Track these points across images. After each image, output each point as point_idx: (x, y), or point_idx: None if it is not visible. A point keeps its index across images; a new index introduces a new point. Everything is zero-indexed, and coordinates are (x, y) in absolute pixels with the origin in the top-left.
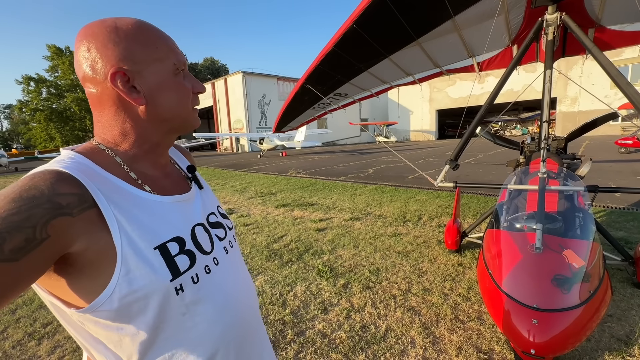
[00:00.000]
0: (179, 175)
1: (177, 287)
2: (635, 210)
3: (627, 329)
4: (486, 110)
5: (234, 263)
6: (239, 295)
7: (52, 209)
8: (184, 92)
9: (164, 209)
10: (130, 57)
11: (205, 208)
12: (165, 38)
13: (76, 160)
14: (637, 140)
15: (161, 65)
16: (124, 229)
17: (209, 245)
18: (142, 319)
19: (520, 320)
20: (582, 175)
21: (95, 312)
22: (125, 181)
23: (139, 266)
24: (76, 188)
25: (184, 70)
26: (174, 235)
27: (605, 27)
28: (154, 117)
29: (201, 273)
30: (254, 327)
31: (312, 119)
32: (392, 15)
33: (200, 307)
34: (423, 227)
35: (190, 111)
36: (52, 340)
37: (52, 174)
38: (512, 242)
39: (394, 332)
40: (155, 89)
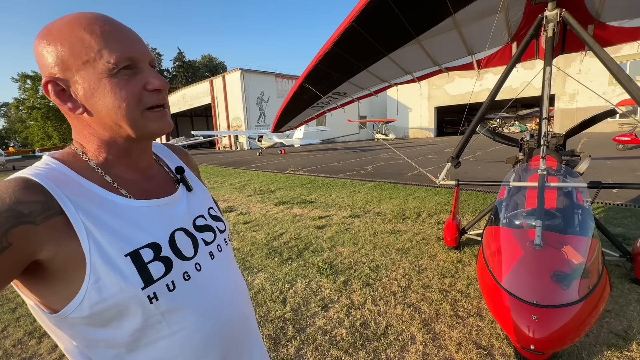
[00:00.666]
0: (165, 178)
1: (149, 296)
2: (633, 206)
3: (625, 325)
4: (487, 108)
5: (221, 268)
6: (224, 301)
7: (12, 217)
8: (123, 93)
9: (140, 214)
10: (60, 62)
11: (192, 211)
12: (100, 33)
13: (50, 167)
14: (635, 137)
15: (91, 67)
16: (92, 235)
17: (190, 250)
18: (115, 326)
19: (520, 316)
20: (581, 172)
21: (67, 318)
22: (100, 186)
23: (109, 274)
24: (40, 196)
25: (129, 66)
26: (149, 241)
27: (605, 23)
28: (101, 124)
29: (178, 280)
30: (242, 334)
31: (311, 118)
32: (391, 13)
33: (177, 315)
34: (422, 224)
35: (138, 113)
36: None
37: (18, 182)
38: (511, 238)
39: (394, 329)
40: (89, 94)
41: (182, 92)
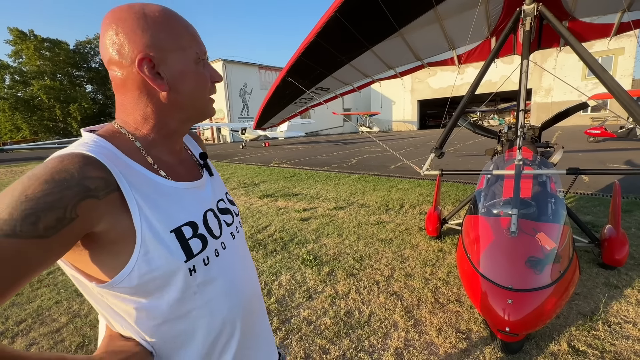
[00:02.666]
0: (192, 162)
1: (190, 268)
2: (602, 195)
3: (592, 306)
4: (468, 101)
5: (239, 248)
6: (243, 278)
7: (81, 191)
8: (203, 81)
9: (179, 195)
10: (157, 44)
11: (215, 194)
12: (189, 27)
13: (99, 144)
14: (605, 130)
15: (184, 54)
16: (143, 212)
17: (218, 230)
18: (157, 296)
19: (496, 300)
20: (555, 162)
21: (114, 287)
22: (144, 166)
23: (157, 248)
24: (102, 172)
25: (204, 59)
26: (188, 219)
27: (578, 19)
28: (175, 104)
29: (211, 256)
30: (257, 307)
31: (294, 115)
32: (374, 4)
33: (209, 287)
34: (405, 215)
35: (207, 100)
36: (27, 338)
37: (80, 157)
38: (489, 226)
39: (378, 317)
40: (178, 76)
41: None
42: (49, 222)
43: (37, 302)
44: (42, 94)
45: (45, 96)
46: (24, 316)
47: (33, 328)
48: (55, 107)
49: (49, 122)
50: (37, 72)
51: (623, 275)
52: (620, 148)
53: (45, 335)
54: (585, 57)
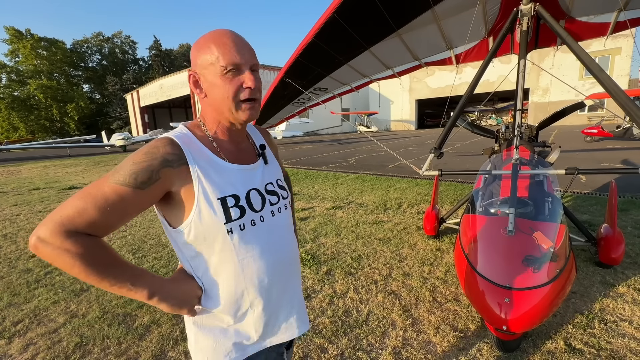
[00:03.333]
0: (252, 151)
1: (228, 229)
2: (599, 195)
3: (589, 304)
4: (466, 101)
5: (278, 224)
6: (277, 246)
7: (163, 162)
8: (226, 88)
9: (230, 173)
10: (198, 63)
11: (265, 178)
12: (221, 44)
13: (182, 133)
14: (602, 129)
15: (212, 68)
16: (201, 182)
17: (259, 205)
18: (206, 245)
19: (493, 299)
20: (552, 162)
21: (180, 232)
22: (209, 150)
23: (207, 209)
24: (178, 150)
25: (232, 69)
26: (232, 192)
27: (575, 18)
28: (213, 107)
29: (247, 224)
30: (288, 274)
31: (292, 115)
32: (372, 5)
33: (244, 247)
34: (403, 215)
35: (232, 103)
36: (24, 339)
37: (166, 140)
38: (486, 226)
39: (376, 316)
40: (209, 86)
41: (159, 83)
42: (144, 179)
43: (34, 302)
44: (38, 93)
45: (42, 95)
46: (21, 316)
47: (30, 328)
48: (52, 107)
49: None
50: (34, 72)
51: (619, 274)
52: (617, 148)
53: (42, 335)
54: (582, 56)
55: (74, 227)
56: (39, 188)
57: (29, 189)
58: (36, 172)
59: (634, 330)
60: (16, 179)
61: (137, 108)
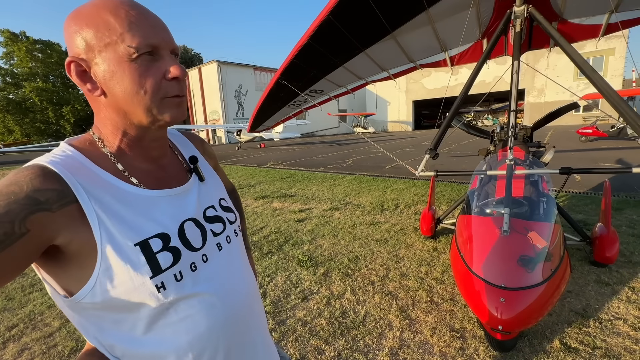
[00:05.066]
0: (178, 167)
1: (157, 285)
2: (594, 194)
3: (584, 303)
4: (461, 102)
5: (228, 259)
6: (229, 292)
7: (29, 204)
8: (142, 80)
9: (150, 204)
10: (85, 44)
11: (202, 201)
12: (125, 17)
13: (66, 154)
14: (596, 129)
15: (112, 50)
16: (104, 224)
17: (199, 241)
18: (124, 313)
19: (488, 298)
20: (546, 162)
21: (80, 302)
22: (113, 174)
23: (119, 262)
24: (56, 184)
25: (150, 52)
26: (158, 231)
27: (567, 20)
28: (116, 108)
29: (185, 270)
30: (248, 324)
31: (287, 117)
32: (367, 7)
33: (184, 303)
34: (400, 215)
35: (154, 101)
36: (19, 343)
37: (35, 169)
38: (482, 226)
39: (373, 317)
40: (108, 77)
41: None
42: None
43: (29, 307)
44: (34, 96)
45: (38, 98)
46: (15, 321)
47: (25, 333)
48: (47, 109)
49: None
50: (29, 74)
51: (614, 273)
52: (612, 147)
53: (37, 340)
54: (574, 57)
55: None
56: None
57: None
58: None
59: (629, 328)
60: None
61: None
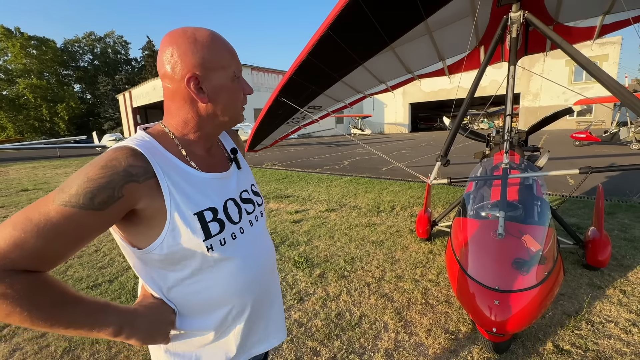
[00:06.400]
0: (223, 156)
1: (208, 247)
2: (586, 198)
3: (577, 306)
4: (467, 108)
5: (257, 233)
6: (259, 258)
7: (126, 176)
8: (236, 94)
9: (205, 184)
10: (203, 64)
11: (240, 185)
12: (229, 48)
13: (145, 140)
14: (590, 134)
15: (224, 72)
16: (173, 196)
17: (237, 216)
18: (182, 264)
19: (483, 301)
20: (541, 166)
21: (150, 253)
22: (178, 158)
23: (182, 226)
24: (143, 162)
25: (239, 76)
26: (210, 205)
27: (563, 24)
28: (212, 113)
29: (228, 238)
30: (269, 285)
31: (286, 135)
32: (366, 20)
33: (225, 263)
34: (396, 217)
35: (240, 110)
36: (11, 344)
37: (128, 150)
38: (477, 229)
39: (368, 318)
40: (217, 91)
41: (152, 84)
42: (102, 199)
43: None
44: (28, 93)
45: (32, 95)
46: None
47: (17, 333)
48: (41, 107)
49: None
50: (23, 71)
51: (606, 276)
52: (605, 154)
53: (29, 340)
54: (578, 58)
55: (10, 265)
56: (27, 189)
57: (16, 190)
58: (24, 173)
59: (620, 331)
60: (4, 180)
61: (129, 109)
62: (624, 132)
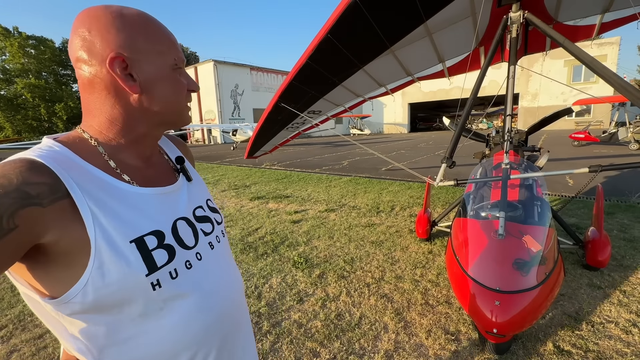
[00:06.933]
0: (166, 167)
1: (153, 282)
2: (586, 198)
3: (577, 306)
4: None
5: (219, 258)
6: (222, 291)
7: (20, 198)
8: (179, 87)
9: (144, 201)
10: (133, 45)
11: (192, 201)
12: (169, 34)
13: (53, 150)
14: (588, 134)
15: (162, 58)
16: (98, 220)
17: (192, 239)
18: (116, 312)
19: (483, 302)
20: (541, 166)
21: (68, 303)
22: (105, 171)
23: (113, 259)
24: (48, 177)
25: (181, 67)
26: (153, 228)
27: (562, 23)
28: (146, 108)
29: (181, 268)
30: (238, 324)
31: (285, 141)
32: (366, 23)
33: (178, 302)
34: (396, 217)
35: (183, 107)
36: (8, 345)
37: (24, 162)
38: (477, 229)
39: (368, 319)
40: (152, 79)
41: None
42: None
43: (18, 308)
44: (26, 93)
45: (30, 95)
46: (4, 322)
47: (14, 334)
48: (40, 106)
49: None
50: (22, 70)
51: (606, 276)
52: (604, 154)
53: (27, 341)
54: (581, 56)
55: None
56: None
57: None
58: None
59: (620, 331)
60: None
61: None
62: (622, 132)
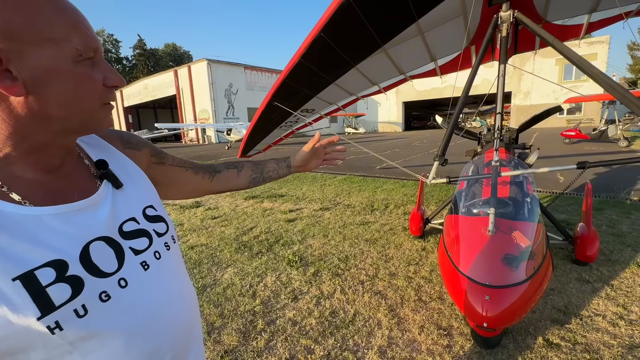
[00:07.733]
0: (85, 174)
1: (50, 326)
2: (576, 195)
3: (566, 300)
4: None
5: (158, 278)
6: (163, 315)
7: None
8: (87, 85)
9: (39, 225)
10: (8, 31)
11: (119, 214)
12: (70, 12)
13: None
14: (579, 132)
15: (55, 48)
16: None
17: (113, 263)
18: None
19: (474, 297)
20: (531, 163)
21: None
22: None
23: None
24: None
25: (92, 57)
26: (50, 258)
27: (551, 22)
28: (38, 113)
29: (92, 302)
30: (187, 343)
31: (279, 139)
32: (359, 22)
33: (94, 342)
34: (390, 215)
35: (95, 109)
36: None
37: None
38: (468, 226)
39: (362, 316)
40: (43, 77)
41: (144, 82)
42: None
43: None
44: None
45: None
46: None
47: None
48: None
49: None
50: None
51: (594, 271)
52: (594, 151)
53: None
54: (569, 55)
55: None
56: None
57: None
58: None
59: (607, 324)
60: None
61: (120, 108)
62: (612, 129)
